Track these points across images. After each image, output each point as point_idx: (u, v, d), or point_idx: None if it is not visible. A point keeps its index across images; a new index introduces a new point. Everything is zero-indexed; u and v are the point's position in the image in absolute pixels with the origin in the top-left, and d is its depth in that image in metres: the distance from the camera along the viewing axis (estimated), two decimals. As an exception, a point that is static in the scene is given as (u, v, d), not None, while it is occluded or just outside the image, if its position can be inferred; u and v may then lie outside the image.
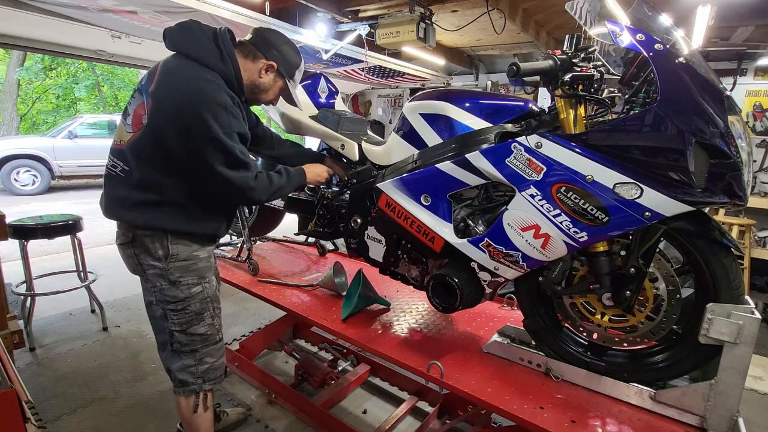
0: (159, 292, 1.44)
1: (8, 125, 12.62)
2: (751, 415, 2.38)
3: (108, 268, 4.05)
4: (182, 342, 1.48)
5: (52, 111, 14.84)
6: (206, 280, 1.50)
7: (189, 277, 1.45)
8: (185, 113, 1.29)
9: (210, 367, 1.53)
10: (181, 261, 1.44)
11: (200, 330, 1.49)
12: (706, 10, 3.13)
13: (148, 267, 1.43)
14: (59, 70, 14.56)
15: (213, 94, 1.31)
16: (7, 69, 12.94)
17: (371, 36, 4.27)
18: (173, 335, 1.47)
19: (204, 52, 1.38)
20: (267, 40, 1.50)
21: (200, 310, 1.48)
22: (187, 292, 1.45)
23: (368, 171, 1.83)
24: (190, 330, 1.47)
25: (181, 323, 1.46)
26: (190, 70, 1.34)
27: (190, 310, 1.46)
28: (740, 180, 1.06)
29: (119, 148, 1.41)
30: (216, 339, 1.55)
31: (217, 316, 1.55)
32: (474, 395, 1.33)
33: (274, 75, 1.54)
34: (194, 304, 1.47)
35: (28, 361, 2.63)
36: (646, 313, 1.28)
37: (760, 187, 4.72)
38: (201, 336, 1.49)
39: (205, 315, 1.50)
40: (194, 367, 1.50)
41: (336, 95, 2.25)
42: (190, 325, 1.47)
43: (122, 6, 3.25)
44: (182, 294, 1.44)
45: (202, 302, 1.48)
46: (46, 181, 8.34)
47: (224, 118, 1.32)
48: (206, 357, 1.52)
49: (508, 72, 1.25)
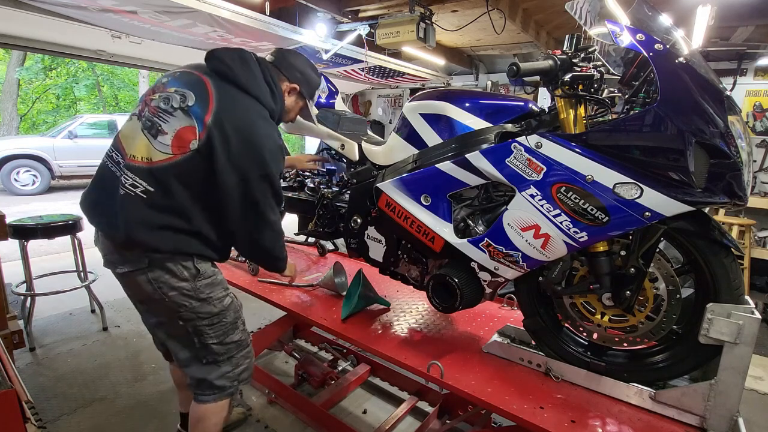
0: (188, 311, 1.39)
1: (8, 125, 12.61)
2: (751, 415, 2.38)
3: (108, 268, 4.05)
4: (219, 352, 1.47)
5: (52, 111, 14.83)
6: (229, 290, 1.52)
7: (217, 291, 1.45)
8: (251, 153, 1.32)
9: (246, 368, 1.56)
10: (207, 278, 1.42)
11: (236, 337, 1.51)
12: (706, 10, 3.13)
13: (170, 289, 1.36)
14: (59, 70, 14.55)
15: (275, 138, 1.38)
16: (7, 69, 12.93)
17: (371, 36, 4.27)
18: (208, 348, 1.45)
19: (260, 90, 1.41)
20: (291, 64, 1.53)
21: (234, 318, 1.50)
22: (220, 305, 1.45)
23: (368, 171, 1.83)
24: (226, 340, 1.48)
25: (218, 335, 1.46)
26: (252, 108, 1.37)
27: (226, 321, 1.47)
28: (740, 180, 1.06)
29: (144, 166, 1.29)
30: (248, 342, 1.58)
31: (243, 322, 1.57)
32: (474, 395, 1.33)
33: (296, 96, 1.58)
34: (229, 315, 1.48)
35: (28, 361, 2.63)
36: (646, 313, 1.28)
37: (760, 187, 4.72)
38: (236, 343, 1.51)
39: (238, 323, 1.53)
40: (232, 371, 1.51)
41: (336, 95, 2.25)
42: (227, 336, 1.48)
43: (122, 6, 3.25)
44: (216, 309, 1.44)
45: (235, 311, 1.51)
46: (46, 181, 8.34)
47: (279, 163, 1.40)
48: (242, 360, 1.54)
49: (508, 72, 1.25)
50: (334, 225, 2.09)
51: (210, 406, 1.49)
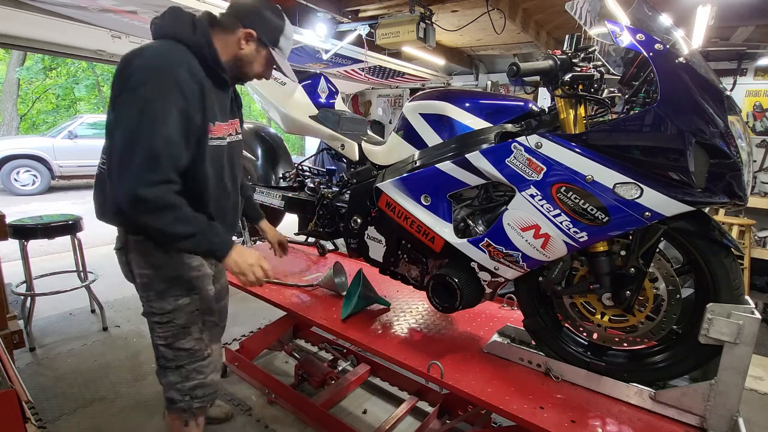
0: (146, 303, 1.37)
1: (8, 125, 12.61)
2: (751, 415, 2.38)
3: (108, 268, 4.04)
4: (167, 357, 1.39)
5: (52, 111, 14.83)
6: (196, 291, 1.40)
7: (176, 288, 1.36)
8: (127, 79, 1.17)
9: (198, 384, 1.42)
10: (170, 270, 1.35)
11: (187, 345, 1.39)
12: (706, 10, 3.13)
13: (138, 276, 1.36)
14: (59, 70, 14.55)
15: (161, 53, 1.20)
16: (7, 69, 12.93)
17: (371, 36, 4.27)
18: (158, 349, 1.39)
19: (175, 27, 1.27)
20: (244, 7, 1.37)
21: (187, 323, 1.38)
22: (174, 304, 1.35)
23: (368, 171, 1.83)
24: (176, 344, 1.38)
25: (166, 337, 1.37)
26: (155, 47, 1.22)
27: (176, 322, 1.37)
28: (740, 180, 1.06)
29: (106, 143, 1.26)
30: (204, 355, 1.43)
31: (207, 330, 1.45)
32: (474, 395, 1.33)
33: (256, 44, 1.38)
34: (181, 317, 1.37)
35: (28, 361, 2.63)
36: (646, 313, 1.28)
37: (760, 187, 4.71)
38: (187, 351, 1.39)
39: (192, 329, 1.39)
40: (181, 384, 1.40)
41: (336, 95, 2.26)
42: (176, 340, 1.38)
43: (122, 6, 3.25)
44: (169, 306, 1.35)
45: (189, 315, 1.38)
46: (46, 181, 8.34)
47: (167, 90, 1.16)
48: (193, 374, 1.41)
49: (508, 72, 1.25)
50: (334, 225, 2.09)
51: (168, 417, 1.45)
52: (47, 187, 8.38)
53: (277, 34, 1.41)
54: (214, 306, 1.50)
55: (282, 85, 2.18)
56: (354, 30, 4.38)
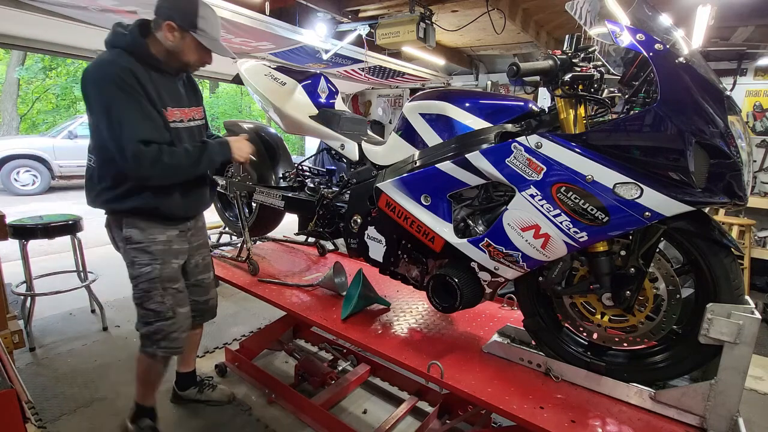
0: (127, 268, 1.67)
1: (8, 125, 12.61)
2: (751, 415, 2.38)
3: (108, 268, 4.05)
4: (139, 312, 1.70)
5: (52, 111, 14.82)
6: (158, 261, 1.64)
7: (142, 257, 1.63)
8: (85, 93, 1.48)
9: (162, 338, 1.71)
10: (136, 243, 1.62)
11: (151, 306, 1.66)
12: (706, 10, 3.13)
13: (119, 247, 1.68)
14: (59, 70, 14.54)
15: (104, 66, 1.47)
16: (7, 69, 12.93)
17: (371, 36, 4.27)
18: (136, 307, 1.70)
19: (113, 37, 1.54)
20: (160, 1, 1.55)
21: (148, 288, 1.64)
22: (138, 271, 1.63)
23: (368, 171, 1.83)
24: (144, 304, 1.67)
25: (137, 297, 1.67)
26: (96, 57, 1.52)
27: (140, 287, 1.65)
28: (740, 180, 1.06)
29: None
30: (167, 315, 1.70)
31: (169, 295, 1.69)
32: (474, 395, 1.33)
33: (179, 33, 1.53)
34: (143, 283, 1.64)
35: (28, 361, 2.63)
36: (646, 313, 1.28)
37: (760, 187, 4.71)
38: (153, 311, 1.67)
39: (153, 294, 1.65)
40: (150, 336, 1.70)
41: (336, 95, 2.25)
42: (143, 300, 1.66)
43: (122, 6, 3.25)
44: (134, 272, 1.64)
45: (149, 282, 1.64)
46: (46, 181, 8.33)
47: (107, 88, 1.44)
48: (158, 328, 1.69)
49: (508, 72, 1.25)
50: (334, 225, 2.09)
51: (139, 354, 1.78)
52: (47, 187, 8.38)
53: (192, 17, 1.52)
54: (177, 276, 1.74)
55: (282, 85, 2.18)
56: (354, 30, 4.38)
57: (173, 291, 1.71)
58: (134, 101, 1.46)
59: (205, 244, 1.97)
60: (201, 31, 1.54)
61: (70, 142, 8.50)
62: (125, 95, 1.45)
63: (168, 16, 1.51)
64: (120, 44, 1.51)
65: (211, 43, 1.58)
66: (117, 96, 1.44)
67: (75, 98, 15.12)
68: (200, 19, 1.53)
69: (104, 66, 1.47)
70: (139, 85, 1.48)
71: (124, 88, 1.44)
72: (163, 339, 1.71)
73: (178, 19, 1.51)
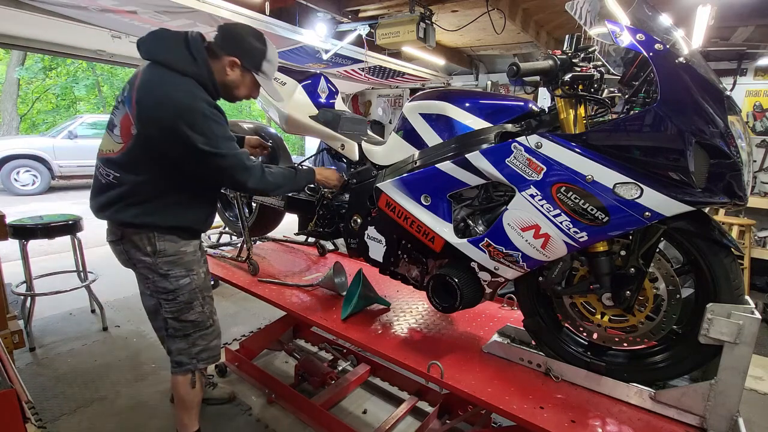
0: (152, 284, 1.59)
1: (8, 125, 12.61)
2: (751, 415, 2.38)
3: (108, 268, 4.04)
4: (176, 327, 1.63)
5: (52, 111, 14.82)
6: (194, 272, 1.62)
7: (177, 269, 1.58)
8: (168, 124, 1.38)
9: (203, 349, 1.68)
10: (169, 256, 1.56)
11: (191, 317, 1.63)
12: (706, 10, 3.13)
13: (138, 261, 1.57)
14: (59, 70, 14.54)
15: (189, 104, 1.39)
16: (7, 69, 12.93)
17: (371, 36, 4.27)
18: (167, 322, 1.63)
19: (177, 59, 1.43)
20: (228, 36, 1.52)
21: (189, 299, 1.61)
22: (176, 284, 1.58)
23: (368, 171, 1.83)
24: (181, 317, 1.62)
25: (173, 311, 1.61)
26: (165, 80, 1.41)
27: (179, 300, 1.60)
28: (740, 180, 1.06)
29: (109, 157, 1.51)
30: (207, 324, 1.68)
31: (207, 303, 1.68)
32: (474, 395, 1.33)
33: (240, 70, 1.54)
34: (183, 295, 1.60)
35: (28, 361, 2.63)
36: (646, 313, 1.28)
37: (760, 187, 4.71)
38: (192, 322, 1.64)
39: (194, 304, 1.63)
40: (188, 349, 1.65)
41: (336, 95, 2.25)
42: (181, 313, 1.61)
43: (122, 6, 3.25)
44: (171, 286, 1.57)
45: (190, 293, 1.61)
46: (46, 181, 8.33)
47: (204, 125, 1.40)
48: (198, 340, 1.67)
49: (508, 72, 1.25)
50: (334, 225, 2.09)
51: (175, 378, 1.69)
52: (47, 187, 8.38)
53: (260, 60, 1.56)
54: (209, 283, 1.72)
55: (282, 85, 2.18)
56: (354, 30, 4.38)
57: (209, 299, 1.70)
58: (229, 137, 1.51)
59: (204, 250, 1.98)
60: (263, 73, 1.59)
61: (70, 142, 8.51)
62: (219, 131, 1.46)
63: (234, 53, 1.51)
64: (189, 73, 1.44)
65: (267, 85, 1.63)
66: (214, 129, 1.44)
67: (75, 98, 15.13)
68: (265, 62, 1.57)
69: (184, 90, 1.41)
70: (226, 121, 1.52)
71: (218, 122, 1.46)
72: (203, 350, 1.68)
73: (244, 59, 1.53)
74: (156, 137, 1.42)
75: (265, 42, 1.57)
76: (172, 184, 1.52)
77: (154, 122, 1.40)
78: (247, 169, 1.53)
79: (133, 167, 1.47)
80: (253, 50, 1.53)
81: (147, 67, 1.46)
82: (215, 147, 1.43)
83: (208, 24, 3.57)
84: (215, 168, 1.48)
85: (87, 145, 8.62)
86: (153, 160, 1.46)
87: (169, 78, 1.41)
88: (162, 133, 1.40)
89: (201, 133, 1.40)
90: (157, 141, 1.42)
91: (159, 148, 1.44)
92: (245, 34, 1.53)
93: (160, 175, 1.49)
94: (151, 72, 1.44)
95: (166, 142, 1.42)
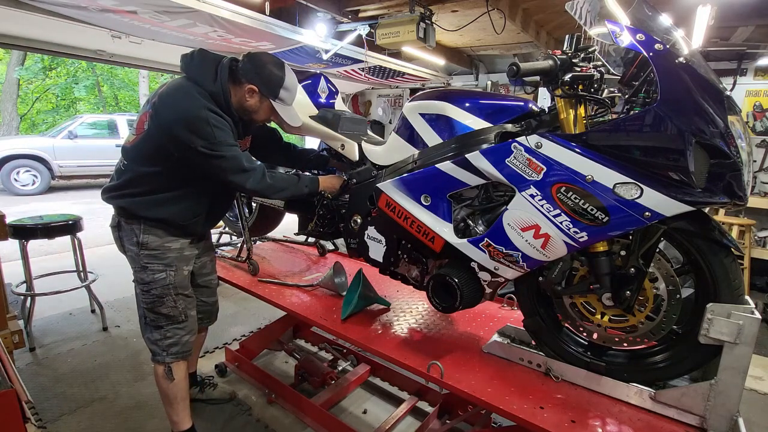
0: (135, 272, 1.69)
1: (8, 125, 12.62)
2: (751, 415, 2.38)
3: (108, 268, 4.05)
4: (149, 318, 1.72)
5: (52, 111, 14.83)
6: (173, 268, 1.69)
7: (155, 264, 1.65)
8: (172, 125, 1.50)
9: (174, 343, 1.74)
10: (151, 250, 1.64)
11: (164, 311, 1.70)
12: (706, 10, 3.13)
13: (128, 250, 1.69)
14: (59, 70, 14.55)
15: (196, 112, 1.50)
16: (7, 69, 12.94)
17: (371, 36, 4.27)
18: (142, 310, 1.72)
19: (201, 74, 1.57)
20: (251, 64, 1.62)
21: (161, 294, 1.68)
22: (151, 276, 1.65)
23: (368, 171, 1.83)
24: (155, 309, 1.69)
25: (147, 302, 1.69)
26: (183, 88, 1.55)
27: (153, 293, 1.67)
28: (740, 180, 1.06)
29: (125, 146, 1.67)
30: (180, 319, 1.74)
31: (180, 300, 1.73)
32: (474, 395, 1.33)
33: (259, 97, 1.65)
34: (156, 289, 1.66)
35: (28, 361, 2.63)
36: (646, 313, 1.28)
37: (760, 187, 4.71)
38: (165, 315, 1.71)
39: (166, 299, 1.69)
40: (161, 341, 1.73)
41: (336, 95, 2.25)
42: (154, 306, 1.69)
43: (122, 6, 3.25)
44: (148, 278, 1.66)
45: (163, 288, 1.67)
46: (46, 181, 8.34)
47: (205, 130, 1.51)
48: (170, 333, 1.73)
49: (508, 72, 1.25)
50: (334, 225, 2.09)
51: (155, 369, 1.77)
52: (47, 187, 8.39)
53: (277, 88, 1.65)
54: (187, 283, 1.77)
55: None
56: (354, 30, 4.38)
57: (184, 296, 1.75)
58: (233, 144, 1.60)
59: (211, 246, 2.05)
60: (280, 101, 1.68)
61: (69, 142, 8.51)
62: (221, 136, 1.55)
63: (253, 81, 1.61)
64: (206, 87, 1.56)
65: (284, 111, 1.71)
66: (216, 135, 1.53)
67: (75, 98, 15.14)
68: (283, 90, 1.66)
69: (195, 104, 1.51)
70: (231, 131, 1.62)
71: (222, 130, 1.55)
72: (174, 344, 1.74)
73: (263, 87, 1.63)
74: (163, 136, 1.53)
75: (284, 70, 1.66)
76: (169, 181, 1.61)
77: (164, 123, 1.52)
78: (246, 170, 1.62)
79: (138, 158, 1.60)
80: (271, 78, 1.63)
81: (178, 78, 1.62)
82: (214, 149, 1.53)
83: (208, 24, 3.57)
84: (215, 168, 1.58)
85: (87, 145, 8.63)
86: (157, 156, 1.57)
87: (188, 89, 1.55)
88: (168, 133, 1.51)
89: (203, 137, 1.50)
90: (164, 140, 1.53)
91: (164, 145, 1.54)
92: (266, 62, 1.64)
93: (160, 171, 1.59)
94: (178, 82, 1.58)
95: (171, 143, 1.52)
